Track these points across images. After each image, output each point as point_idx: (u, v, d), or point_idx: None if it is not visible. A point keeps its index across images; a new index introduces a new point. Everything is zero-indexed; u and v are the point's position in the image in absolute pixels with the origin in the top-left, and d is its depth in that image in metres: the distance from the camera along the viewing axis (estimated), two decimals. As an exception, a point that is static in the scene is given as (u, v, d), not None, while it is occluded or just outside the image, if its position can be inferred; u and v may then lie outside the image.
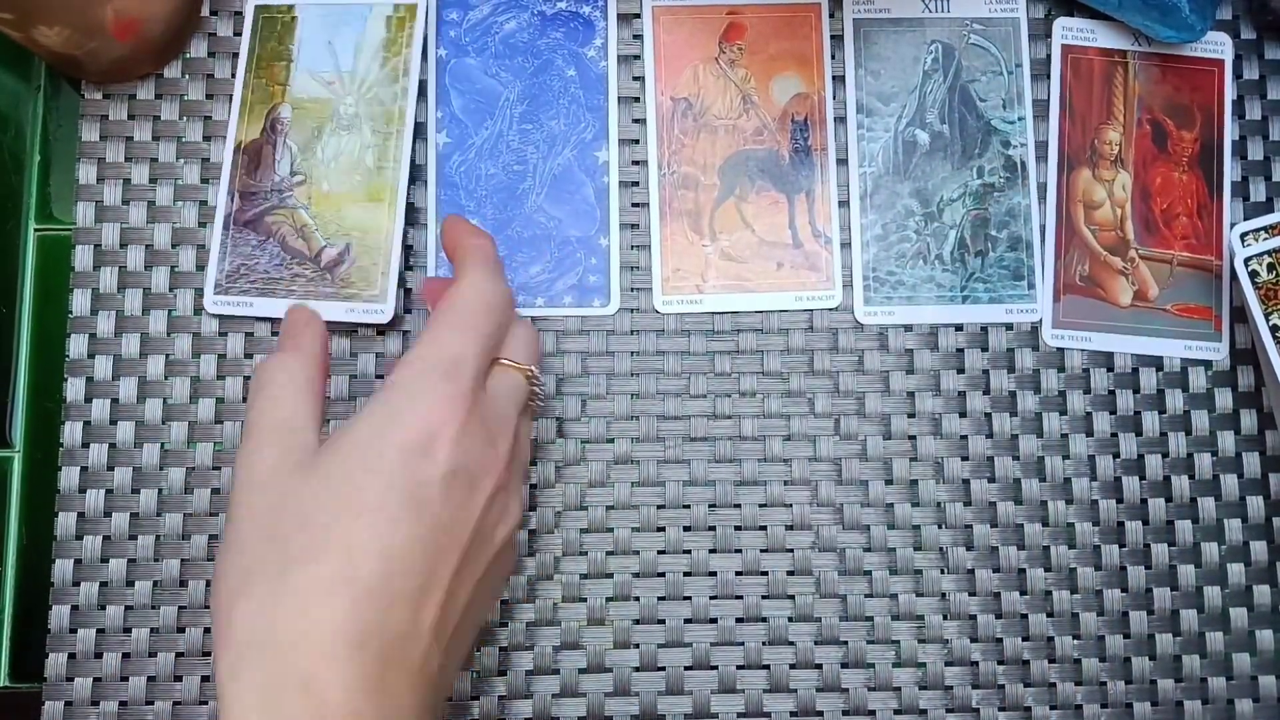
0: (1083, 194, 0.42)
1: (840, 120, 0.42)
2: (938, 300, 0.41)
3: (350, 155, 0.41)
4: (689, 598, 0.40)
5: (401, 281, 0.41)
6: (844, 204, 0.42)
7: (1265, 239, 0.40)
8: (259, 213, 0.41)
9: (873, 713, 0.39)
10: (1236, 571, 0.40)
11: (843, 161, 0.42)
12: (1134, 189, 0.42)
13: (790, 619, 0.40)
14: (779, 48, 0.43)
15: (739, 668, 0.40)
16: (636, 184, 0.42)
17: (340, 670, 0.27)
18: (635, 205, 0.42)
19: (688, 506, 0.40)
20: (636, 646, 0.40)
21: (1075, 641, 0.40)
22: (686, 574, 0.40)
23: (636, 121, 0.42)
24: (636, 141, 0.42)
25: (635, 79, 0.43)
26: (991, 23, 0.43)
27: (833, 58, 0.43)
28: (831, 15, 0.43)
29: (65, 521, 0.40)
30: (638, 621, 0.40)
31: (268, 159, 0.41)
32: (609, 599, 0.40)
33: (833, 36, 0.43)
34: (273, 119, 0.42)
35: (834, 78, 0.43)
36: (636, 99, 0.42)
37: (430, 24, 0.42)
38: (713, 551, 0.40)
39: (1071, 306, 0.42)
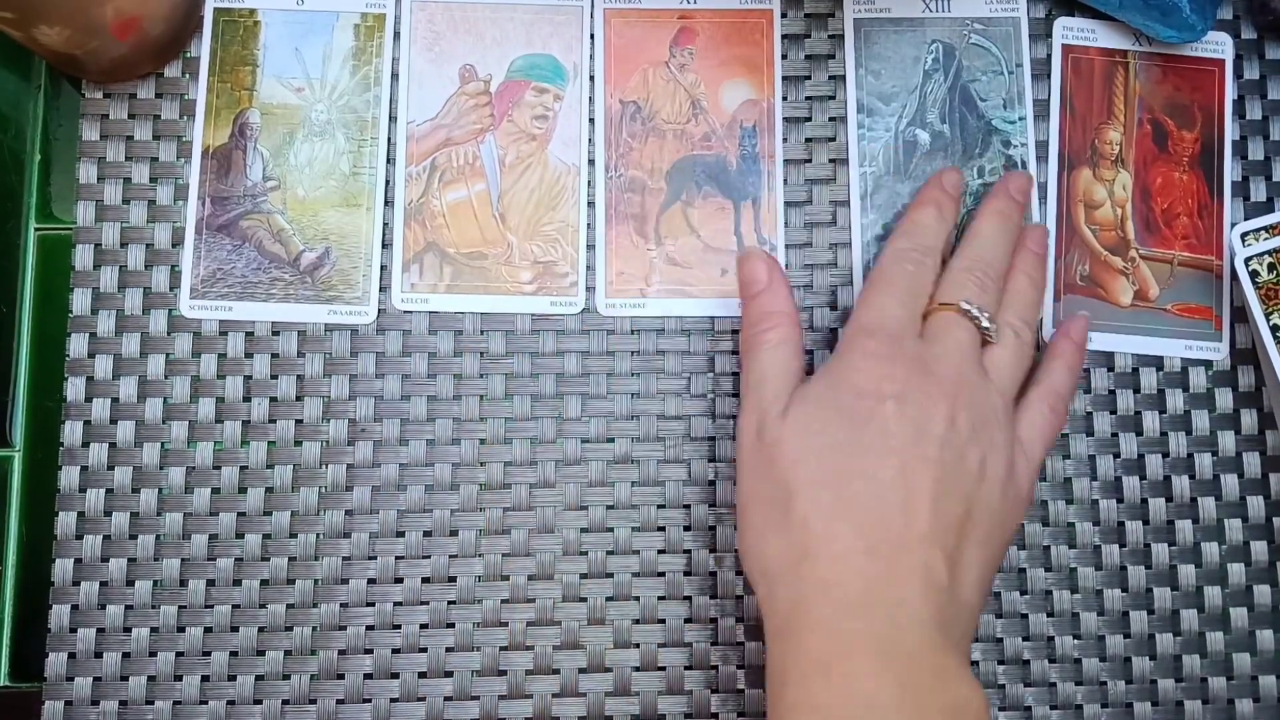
0: (1083, 194, 0.42)
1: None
2: None
3: (325, 161, 0.41)
4: (689, 598, 0.40)
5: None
6: (844, 204, 0.42)
7: (1266, 239, 0.40)
8: (233, 217, 0.41)
9: (873, 712, 0.39)
10: (1237, 571, 0.40)
11: (843, 161, 0.42)
12: (1134, 189, 0.42)
13: (790, 619, 0.40)
14: (729, 53, 0.42)
15: (739, 667, 0.40)
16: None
17: (854, 573, 0.32)
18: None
19: (687, 506, 0.40)
20: (637, 647, 0.40)
21: (1075, 641, 0.40)
22: (686, 573, 0.40)
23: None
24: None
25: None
26: (992, 23, 0.43)
27: (832, 57, 0.43)
28: (831, 15, 0.43)
29: (65, 521, 0.40)
30: (638, 621, 0.40)
31: (238, 164, 0.42)
32: (609, 599, 0.40)
33: (832, 36, 0.43)
34: (241, 124, 0.42)
35: (833, 77, 0.43)
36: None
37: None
38: (712, 551, 0.40)
39: (1072, 306, 0.42)
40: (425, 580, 0.40)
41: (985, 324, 0.36)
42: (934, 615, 0.32)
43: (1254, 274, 0.40)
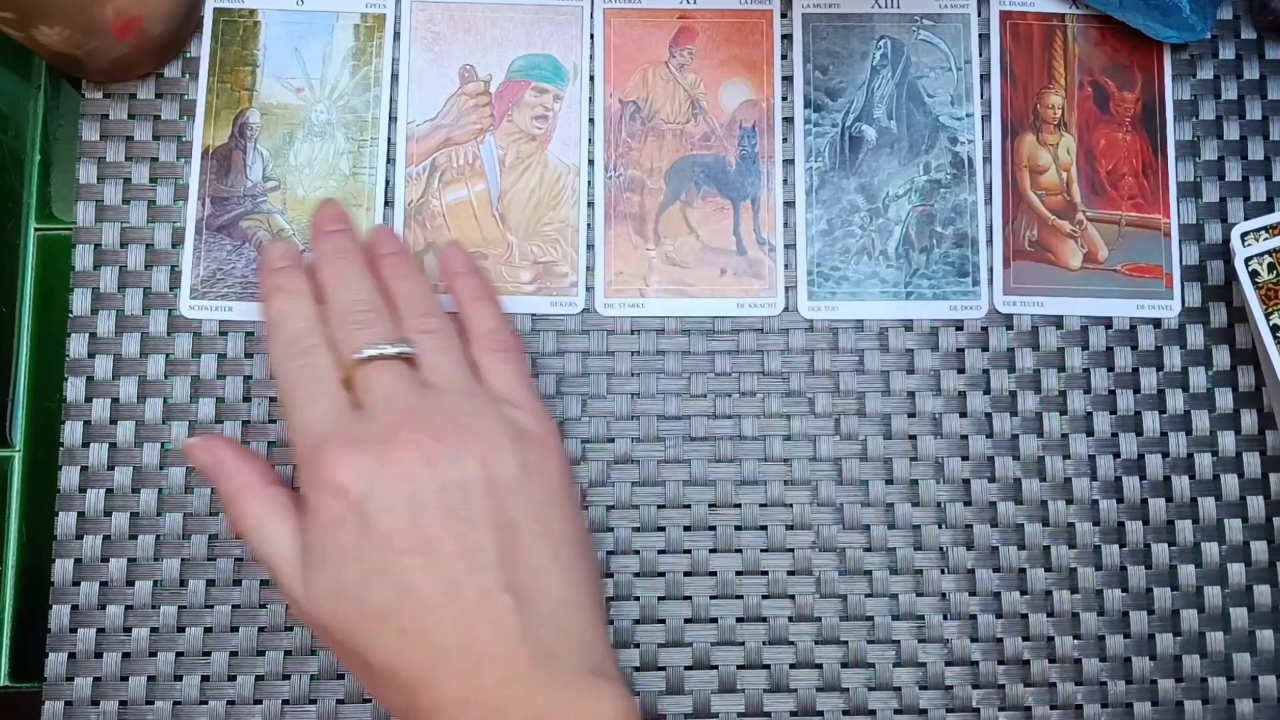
0: (1028, 159, 0.42)
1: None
2: (881, 296, 0.41)
3: (325, 161, 0.41)
4: (689, 597, 0.40)
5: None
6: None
7: (1265, 239, 0.40)
8: (233, 218, 0.41)
9: (873, 712, 0.39)
10: (1236, 571, 0.40)
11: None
12: (1079, 151, 0.42)
13: (790, 619, 0.40)
14: (729, 53, 0.42)
15: (739, 667, 0.40)
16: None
17: (451, 693, 0.31)
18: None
19: (688, 506, 0.40)
20: (637, 646, 0.40)
21: (1075, 641, 0.40)
22: (687, 574, 0.40)
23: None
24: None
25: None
26: (942, 19, 0.43)
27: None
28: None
29: (65, 521, 0.40)
30: (638, 621, 0.40)
31: (238, 164, 0.42)
32: (610, 599, 0.40)
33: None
34: (240, 124, 0.42)
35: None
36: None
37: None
38: (713, 551, 0.40)
39: (1021, 272, 0.42)
40: (425, 580, 0.40)
41: (393, 352, 0.34)
42: (529, 658, 0.31)
43: (1254, 274, 0.39)
